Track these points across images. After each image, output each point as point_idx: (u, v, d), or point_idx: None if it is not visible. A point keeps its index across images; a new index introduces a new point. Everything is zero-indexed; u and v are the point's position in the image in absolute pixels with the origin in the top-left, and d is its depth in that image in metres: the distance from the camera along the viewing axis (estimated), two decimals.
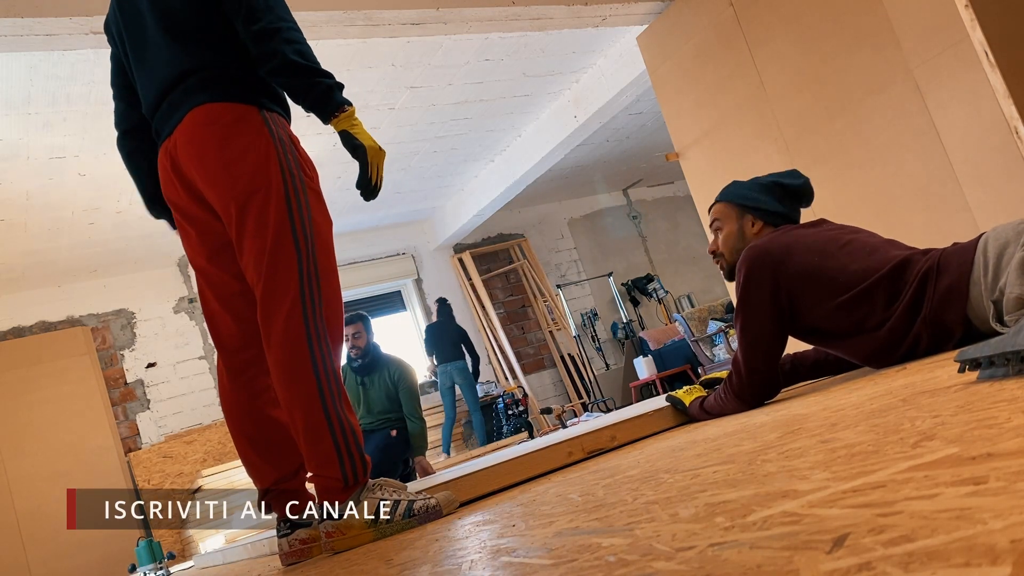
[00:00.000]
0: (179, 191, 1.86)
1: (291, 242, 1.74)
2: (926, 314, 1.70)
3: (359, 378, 4.81)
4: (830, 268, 1.84)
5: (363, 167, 1.79)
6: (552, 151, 6.64)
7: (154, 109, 1.88)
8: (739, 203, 2.12)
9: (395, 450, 4.66)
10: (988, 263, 1.60)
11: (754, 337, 1.89)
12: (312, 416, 1.69)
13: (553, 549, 0.81)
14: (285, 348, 1.71)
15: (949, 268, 1.68)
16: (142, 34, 1.90)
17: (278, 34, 1.74)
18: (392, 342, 8.18)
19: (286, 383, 1.71)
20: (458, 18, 3.83)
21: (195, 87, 1.80)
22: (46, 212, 5.45)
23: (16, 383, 6.26)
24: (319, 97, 1.75)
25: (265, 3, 1.77)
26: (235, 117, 1.78)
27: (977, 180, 3.06)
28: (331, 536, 1.71)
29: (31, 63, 3.82)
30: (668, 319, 9.18)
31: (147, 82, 1.90)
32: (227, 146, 1.76)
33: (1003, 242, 1.59)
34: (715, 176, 4.27)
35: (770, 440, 1.15)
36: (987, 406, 0.84)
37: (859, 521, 0.52)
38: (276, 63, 1.73)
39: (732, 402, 1.97)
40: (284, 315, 1.72)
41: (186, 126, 1.79)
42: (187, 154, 1.80)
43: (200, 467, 6.58)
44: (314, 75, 1.75)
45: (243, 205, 1.75)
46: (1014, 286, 1.51)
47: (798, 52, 3.67)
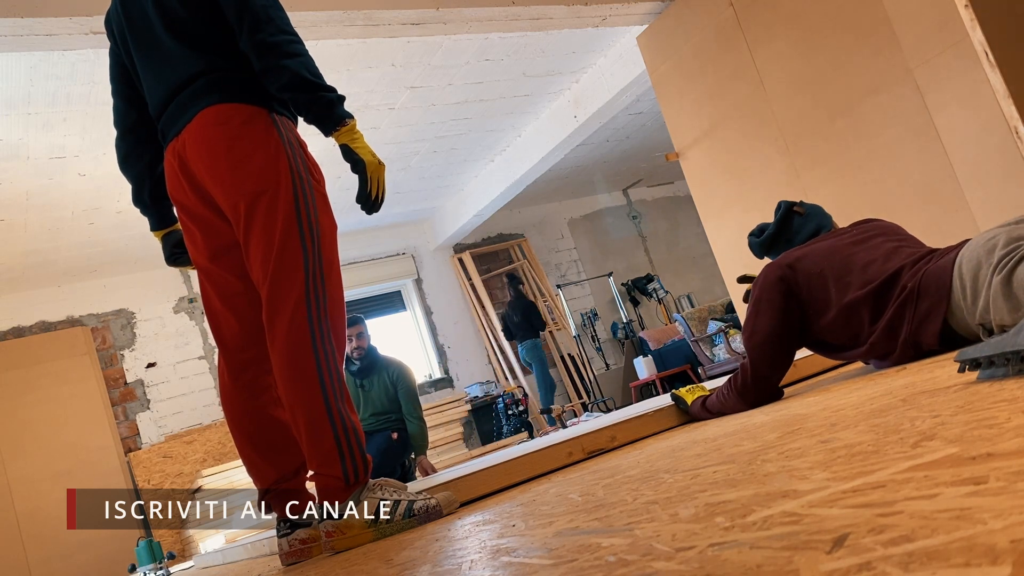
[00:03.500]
0: (186, 190, 1.87)
1: (298, 242, 1.76)
2: (906, 336, 1.72)
3: (358, 381, 4.82)
4: (832, 277, 1.87)
5: (363, 181, 1.81)
6: (552, 151, 6.64)
7: (161, 110, 1.89)
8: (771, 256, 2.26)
9: (395, 452, 4.67)
10: (965, 287, 1.60)
11: (763, 342, 1.91)
12: (315, 415, 1.69)
13: (553, 549, 0.81)
14: (289, 347, 1.72)
15: (928, 291, 1.69)
16: (149, 35, 1.90)
17: (282, 47, 1.76)
18: (394, 342, 8.18)
19: (289, 381, 1.72)
20: (458, 18, 3.83)
21: (204, 89, 1.81)
22: (46, 212, 5.45)
23: (16, 383, 6.25)
24: (322, 111, 1.77)
25: (267, 14, 1.78)
26: (245, 118, 1.79)
27: (977, 180, 3.06)
28: (331, 536, 1.71)
29: (31, 63, 3.82)
30: (668, 319, 9.18)
31: (154, 83, 1.90)
32: (236, 146, 1.77)
33: (975, 263, 1.58)
34: (715, 176, 4.27)
35: (770, 440, 1.15)
36: (987, 406, 0.84)
37: (859, 521, 0.52)
38: (285, 78, 1.75)
39: (735, 402, 1.98)
40: (289, 314, 1.73)
41: (195, 126, 1.80)
42: (196, 153, 1.80)
43: (200, 467, 6.57)
44: (319, 89, 1.77)
45: (251, 204, 1.76)
46: (1001, 312, 1.50)
47: (798, 52, 3.67)
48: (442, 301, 8.61)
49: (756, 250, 2.27)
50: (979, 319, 1.56)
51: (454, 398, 7.88)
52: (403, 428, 4.79)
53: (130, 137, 2.03)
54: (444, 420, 7.56)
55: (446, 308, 8.60)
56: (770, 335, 1.91)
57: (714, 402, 2.08)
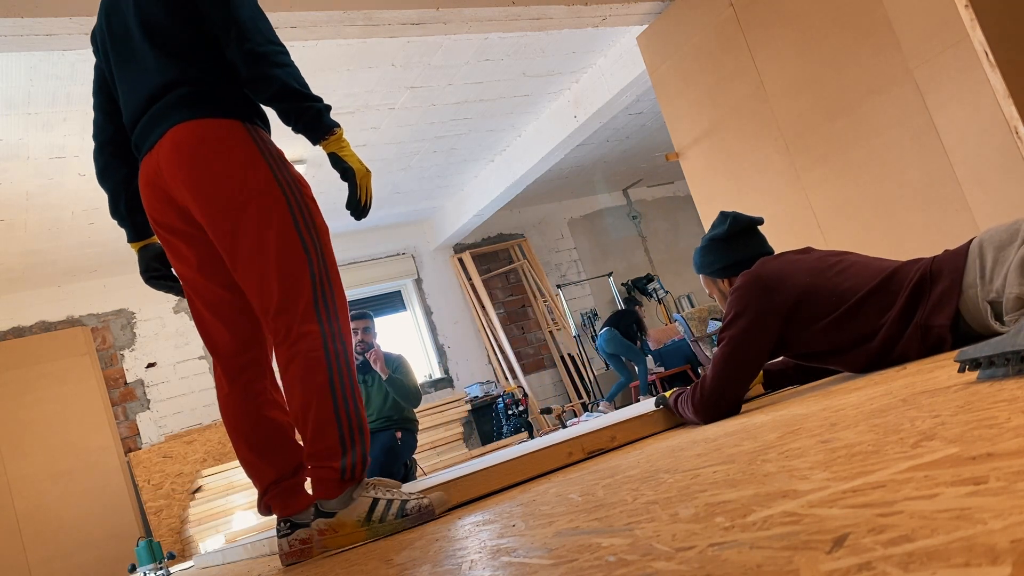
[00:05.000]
0: (162, 205, 1.87)
1: (299, 247, 1.78)
2: (919, 320, 1.71)
3: (360, 377, 4.83)
4: (823, 288, 1.85)
5: (352, 188, 1.86)
6: (552, 151, 6.64)
7: (135, 121, 1.89)
8: (705, 273, 2.19)
9: (398, 451, 4.67)
10: (985, 265, 1.60)
11: (734, 366, 1.91)
12: (322, 411, 1.72)
13: (553, 549, 0.81)
14: (300, 347, 1.74)
15: (942, 273, 1.69)
16: (128, 45, 1.90)
17: (271, 57, 1.79)
18: (394, 342, 8.18)
19: (299, 379, 1.74)
20: (458, 18, 3.83)
21: (178, 102, 1.81)
22: (46, 212, 5.45)
23: (16, 383, 6.25)
24: (311, 120, 1.81)
25: (255, 25, 1.80)
26: (221, 133, 1.81)
27: (977, 180, 3.06)
28: (323, 534, 1.74)
29: (31, 63, 3.82)
30: (668, 319, 9.18)
31: (130, 93, 1.90)
32: (216, 160, 1.79)
33: (999, 243, 1.59)
34: (715, 176, 4.27)
35: (770, 440, 1.15)
36: (987, 406, 0.84)
37: (859, 521, 0.52)
38: (274, 88, 1.78)
39: (691, 416, 2.01)
40: (299, 317, 1.76)
41: (171, 142, 1.80)
42: (174, 168, 1.80)
43: (200, 467, 6.57)
44: (308, 99, 1.81)
45: (238, 216, 1.77)
46: (1014, 285, 1.51)
47: (798, 52, 3.67)
48: (442, 301, 8.61)
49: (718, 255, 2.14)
50: (993, 294, 1.56)
51: (454, 398, 7.88)
52: (406, 428, 4.80)
53: (107, 150, 2.03)
54: (444, 420, 7.56)
55: (446, 308, 8.61)
56: (754, 363, 1.91)
57: (678, 408, 2.11)
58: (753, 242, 2.12)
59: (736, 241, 2.12)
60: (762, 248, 2.12)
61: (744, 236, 2.13)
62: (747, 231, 2.13)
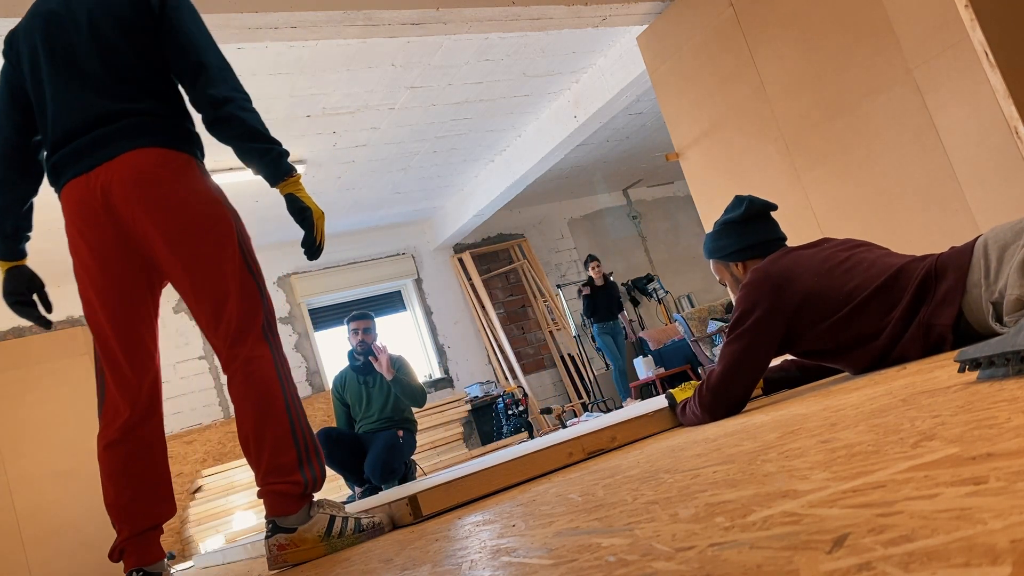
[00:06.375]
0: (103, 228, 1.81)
1: (249, 275, 1.87)
2: (922, 318, 1.71)
3: (361, 378, 4.82)
4: (830, 288, 1.85)
5: (308, 229, 1.92)
6: (552, 151, 6.64)
7: (69, 138, 1.83)
8: (716, 257, 2.18)
9: (400, 450, 4.67)
10: (989, 264, 1.60)
11: (743, 361, 1.91)
12: (280, 429, 1.79)
13: (553, 549, 0.81)
14: (254, 369, 1.81)
15: (947, 271, 1.68)
16: (70, 57, 1.86)
17: (238, 102, 1.86)
18: (395, 343, 8.17)
19: (254, 399, 1.79)
20: (458, 18, 3.83)
21: (137, 129, 1.82)
22: (46, 212, 5.44)
23: (16, 383, 6.25)
24: (271, 162, 1.88)
25: (223, 75, 1.87)
26: (180, 164, 1.86)
27: (977, 180, 3.06)
28: (283, 549, 1.79)
29: None
30: (668, 319, 9.18)
31: (64, 110, 1.85)
32: (181, 188, 1.84)
33: (1003, 243, 1.59)
34: (715, 176, 4.27)
35: (770, 440, 1.15)
36: (987, 406, 0.84)
37: (859, 521, 0.52)
38: (240, 129, 1.85)
39: (696, 415, 2.02)
40: (252, 341, 1.82)
41: (132, 166, 1.80)
42: (136, 190, 1.79)
43: (200, 467, 6.57)
44: (271, 142, 1.88)
45: (198, 244, 1.82)
46: (1014, 287, 1.51)
47: (798, 52, 3.67)
48: (442, 301, 8.61)
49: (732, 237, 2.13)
50: (996, 295, 1.56)
51: (454, 398, 7.88)
52: (406, 428, 4.80)
53: (5, 163, 1.94)
54: (444, 420, 7.56)
55: (446, 308, 8.61)
56: (763, 359, 1.92)
57: (688, 416, 2.11)
58: (767, 227, 2.12)
59: (751, 224, 2.12)
60: (775, 233, 2.12)
61: (759, 220, 2.13)
62: (762, 215, 2.13)
